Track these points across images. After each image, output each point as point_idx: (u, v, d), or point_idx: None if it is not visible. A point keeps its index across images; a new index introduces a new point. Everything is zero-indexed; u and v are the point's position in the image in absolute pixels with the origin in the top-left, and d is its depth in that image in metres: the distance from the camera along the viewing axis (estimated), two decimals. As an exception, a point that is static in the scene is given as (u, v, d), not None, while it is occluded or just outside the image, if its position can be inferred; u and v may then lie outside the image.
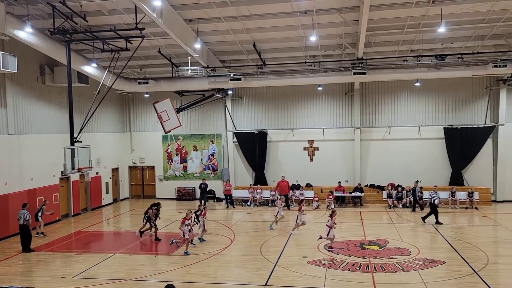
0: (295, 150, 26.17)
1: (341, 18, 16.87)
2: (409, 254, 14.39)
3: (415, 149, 24.84)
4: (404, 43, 20.17)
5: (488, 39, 19.41)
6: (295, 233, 17.47)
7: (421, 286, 11.44)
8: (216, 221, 20.73)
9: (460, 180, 24.16)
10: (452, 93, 24.45)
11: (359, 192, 24.15)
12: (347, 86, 25.41)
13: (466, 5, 15.87)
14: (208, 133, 27.42)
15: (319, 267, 13.20)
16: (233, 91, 26.35)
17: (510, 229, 17.70)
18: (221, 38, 20.10)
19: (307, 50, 21.12)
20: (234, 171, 26.87)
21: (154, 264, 14.00)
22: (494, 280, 11.86)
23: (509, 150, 23.83)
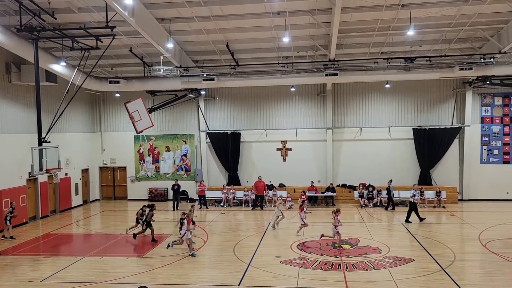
0: (268, 150, 26.29)
1: (313, 20, 17.06)
2: (379, 253, 14.66)
3: (386, 149, 25.36)
4: (375, 46, 20.58)
5: (455, 43, 20.03)
6: (299, 235, 17.19)
7: (391, 284, 11.68)
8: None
9: (428, 180, 24.80)
10: (420, 94, 25.08)
11: (331, 192, 24.47)
12: (319, 87, 25.71)
13: (434, 9, 16.31)
14: (181, 134, 27.21)
15: (292, 267, 13.29)
16: (206, 91, 26.25)
17: (476, 227, 18.28)
18: (194, 38, 19.99)
19: (280, 51, 21.26)
20: (207, 172, 26.75)
21: (125, 266, 13.78)
22: (460, 277, 12.22)
23: (475, 150, 24.64)
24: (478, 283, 11.89)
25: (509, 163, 24.49)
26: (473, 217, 20.75)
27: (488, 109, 24.63)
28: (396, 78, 22.01)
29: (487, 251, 14.81)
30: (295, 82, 23.03)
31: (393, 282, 11.78)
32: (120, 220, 21.84)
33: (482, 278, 12.43)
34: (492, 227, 18.45)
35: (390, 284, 11.67)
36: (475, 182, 24.64)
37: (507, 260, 13.63)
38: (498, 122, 24.57)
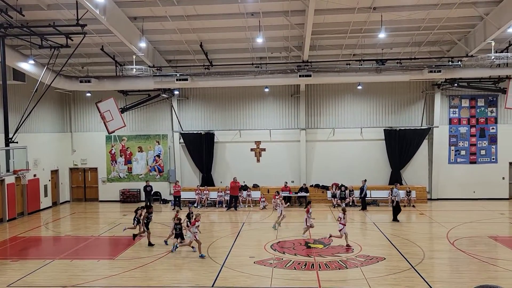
0: (242, 151, 26.30)
1: (287, 21, 17.17)
2: (352, 252, 14.88)
3: (358, 150, 25.74)
4: (347, 47, 20.87)
5: (424, 46, 20.52)
6: (305, 236, 17.08)
7: (363, 282, 11.87)
8: (163, 223, 20.37)
9: (399, 180, 25.31)
10: (391, 96, 25.60)
11: (304, 192, 24.67)
12: (293, 88, 25.90)
13: (404, 12, 16.67)
14: (154, 134, 26.89)
15: (265, 267, 13.33)
16: (180, 91, 26.05)
17: (444, 226, 18.78)
18: (167, 38, 19.80)
19: (254, 52, 21.30)
20: (181, 172, 26.54)
21: (96, 269, 13.51)
22: (429, 274, 12.53)
23: (443, 151, 25.32)
24: (446, 280, 12.22)
25: (476, 163, 25.27)
26: (442, 216, 21.31)
27: (456, 111, 25.35)
28: (367, 80, 22.37)
29: (455, 249, 15.24)
30: (269, 82, 23.11)
31: (365, 280, 11.97)
32: (91, 222, 21.41)
33: (450, 275, 12.79)
34: (460, 225, 19.01)
35: (362, 282, 11.86)
36: (443, 181, 25.30)
37: (473, 257, 14.06)
38: (465, 124, 25.31)
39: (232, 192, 23.94)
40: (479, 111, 25.22)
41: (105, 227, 19.84)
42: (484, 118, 25.21)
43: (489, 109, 25.17)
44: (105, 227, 19.75)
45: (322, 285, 11.64)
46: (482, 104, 25.17)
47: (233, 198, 23.94)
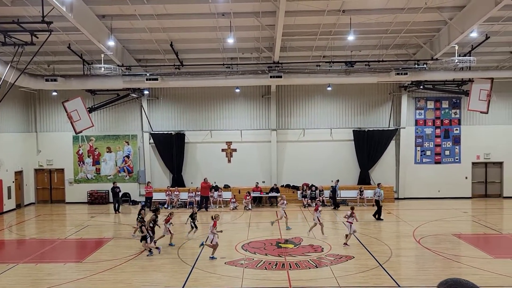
0: (213, 151, 26.21)
1: (258, 22, 17.22)
2: (321, 251, 15.07)
3: (328, 150, 26.09)
4: (317, 49, 21.12)
5: (392, 49, 21.00)
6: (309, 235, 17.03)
7: (332, 281, 12.04)
8: (132, 224, 20.04)
9: (367, 180, 25.83)
10: (360, 97, 26.08)
11: (275, 192, 24.80)
12: (264, 88, 26.01)
13: (372, 16, 17.02)
14: (123, 134, 26.45)
15: (236, 267, 13.34)
16: (150, 91, 25.72)
17: (410, 224, 19.27)
18: (136, 36, 19.51)
19: (225, 52, 21.26)
20: (151, 173, 26.21)
21: (63, 273, 13.18)
22: (396, 272, 12.84)
23: (409, 151, 25.98)
24: (412, 277, 12.56)
25: (440, 163, 26.06)
26: (408, 214, 21.87)
27: (422, 112, 26.07)
28: (337, 81, 22.70)
29: (421, 246, 15.67)
30: (240, 83, 23.14)
31: (334, 279, 12.15)
32: (57, 225, 20.87)
33: (416, 272, 13.15)
34: (425, 224, 19.56)
35: (332, 281, 12.03)
36: (410, 181, 25.96)
37: (438, 254, 14.50)
38: (431, 125, 26.07)
39: (203, 193, 23.85)
40: (444, 112, 26.02)
41: (72, 229, 19.38)
42: (448, 120, 26.03)
43: (453, 111, 26.00)
44: (72, 230, 19.29)
45: (292, 285, 11.74)
46: (447, 106, 25.98)
47: (203, 198, 23.83)
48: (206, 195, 23.87)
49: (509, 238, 17.00)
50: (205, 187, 23.82)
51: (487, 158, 26.02)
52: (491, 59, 22.99)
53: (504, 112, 25.76)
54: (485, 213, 22.44)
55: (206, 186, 23.83)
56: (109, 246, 16.01)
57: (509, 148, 25.64)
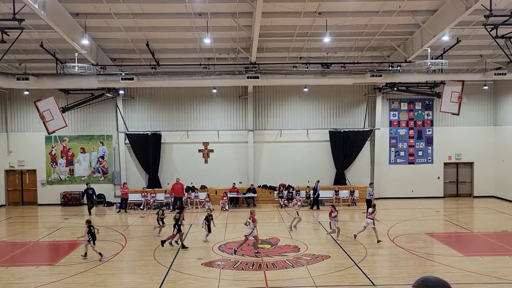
0: (190, 152, 26.05)
1: (235, 23, 17.23)
2: (298, 251, 15.18)
3: (304, 151, 26.28)
4: (294, 50, 21.26)
5: (367, 51, 21.34)
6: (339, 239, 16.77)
7: (309, 280, 12.15)
8: (107, 226, 19.75)
9: (343, 180, 26.14)
10: (336, 99, 26.38)
11: (252, 192, 24.83)
12: (241, 89, 26.01)
13: (348, 18, 17.25)
14: (97, 134, 26.01)
15: (213, 268, 13.31)
16: (125, 90, 25.38)
17: (385, 223, 19.58)
18: (112, 35, 19.23)
19: (202, 52, 21.17)
20: (126, 174, 25.85)
21: (35, 276, 12.87)
22: (371, 271, 13.06)
23: (384, 152, 26.44)
24: (387, 276, 12.79)
25: (414, 163, 26.61)
26: (382, 214, 22.16)
27: (396, 114, 26.57)
28: (313, 82, 22.92)
29: (395, 245, 15.97)
30: (217, 84, 23.07)
31: (310, 279, 12.26)
32: (29, 227, 20.37)
33: (390, 270, 13.40)
34: (399, 223, 19.94)
35: (308, 281, 12.14)
36: (384, 181, 26.40)
37: (412, 253, 14.81)
38: (404, 126, 26.59)
39: (175, 194, 23.57)
40: (417, 114, 26.58)
41: (45, 231, 18.95)
42: (421, 121, 26.60)
43: (426, 112, 26.59)
44: (44, 232, 18.86)
45: (269, 285, 11.79)
46: (420, 108, 26.55)
47: (177, 199, 23.56)
48: (179, 196, 23.58)
49: (479, 236, 17.50)
50: (177, 188, 23.55)
51: (458, 158, 26.71)
52: (462, 62, 23.62)
53: (474, 113, 26.49)
54: (456, 212, 23.03)
55: (177, 187, 23.56)
56: (83, 248, 15.69)
57: (480, 149, 26.39)
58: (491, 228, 18.40)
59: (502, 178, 25.79)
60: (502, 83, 24.91)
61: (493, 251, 15.20)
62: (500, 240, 16.45)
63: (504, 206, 23.66)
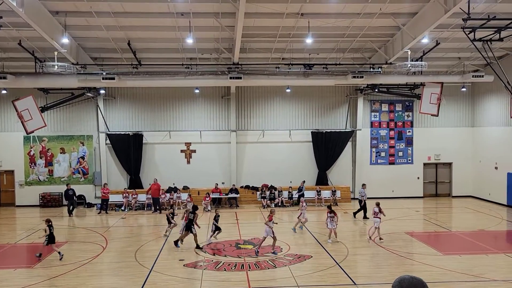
0: (172, 152, 25.89)
1: (218, 23, 17.19)
2: (280, 251, 15.22)
3: (287, 151, 26.38)
4: (277, 51, 21.34)
5: (348, 52, 21.55)
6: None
7: (291, 280, 12.20)
8: (87, 228, 19.49)
9: (325, 180, 26.32)
10: (318, 100, 26.56)
11: (234, 193, 24.80)
12: (223, 89, 25.96)
13: (330, 19, 17.40)
14: (77, 135, 25.62)
15: (195, 269, 13.25)
16: (106, 90, 25.08)
17: (366, 223, 19.83)
18: (92, 34, 18.98)
19: (185, 52, 21.07)
20: (107, 175, 25.54)
21: (13, 279, 12.60)
22: (353, 270, 13.19)
23: (365, 152, 26.73)
24: (368, 275, 12.93)
25: (394, 164, 26.97)
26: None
27: (377, 115, 26.90)
28: (296, 83, 23.04)
29: (375, 245, 16.15)
30: (199, 84, 23.00)
31: (293, 279, 12.31)
32: (7, 229, 19.94)
33: (371, 270, 13.55)
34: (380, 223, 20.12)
35: (290, 281, 12.19)
36: (365, 181, 26.53)
37: (392, 252, 15.01)
38: (385, 127, 26.94)
39: (152, 194, 23.36)
40: (397, 115, 26.96)
41: (23, 233, 18.58)
42: (401, 122, 26.98)
43: (406, 114, 26.99)
44: (22, 234, 18.49)
45: (251, 285, 11.79)
46: (400, 109, 26.93)
47: (154, 200, 23.34)
48: (156, 197, 23.40)
49: (457, 235, 17.84)
50: (153, 188, 23.36)
51: (437, 159, 27.18)
52: (441, 64, 24.08)
53: (453, 115, 26.99)
54: (435, 212, 23.44)
55: (154, 188, 23.37)
56: (63, 250, 15.43)
57: (458, 149, 26.90)
58: (469, 227, 18.78)
59: (479, 178, 26.35)
60: (479, 85, 25.46)
61: (470, 250, 15.53)
62: (477, 239, 16.81)
63: (481, 206, 24.18)
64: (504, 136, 23.76)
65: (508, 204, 23.50)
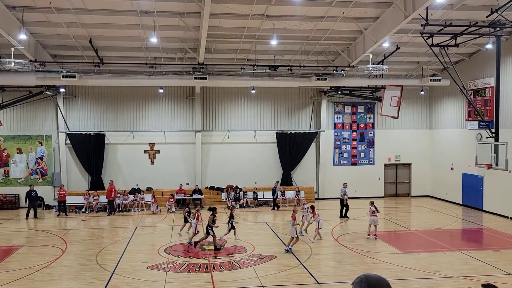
0: (136, 153, 25.43)
1: (183, 22, 17.06)
2: (245, 252, 15.25)
3: (252, 152, 26.44)
4: (242, 52, 21.39)
5: (312, 55, 21.89)
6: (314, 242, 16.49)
7: (255, 281, 12.25)
8: (45, 230, 18.84)
9: (289, 181, 26.57)
10: (283, 101, 26.78)
11: (198, 194, 24.63)
12: (188, 89, 25.73)
13: (295, 22, 17.62)
14: (36, 134, 24.72)
15: (159, 271, 13.07)
16: (67, 89, 24.34)
17: (329, 223, 20.14)
18: (52, 31, 18.41)
19: (149, 51, 20.78)
20: (67, 176, 24.78)
21: (-36, 286, 12.04)
22: (316, 269, 13.39)
23: (328, 154, 27.18)
24: (330, 274, 13.18)
25: (356, 165, 27.57)
26: (327, 214, 22.81)
27: (340, 116, 27.41)
28: (261, 85, 23.16)
29: (338, 244, 16.47)
30: (164, 83, 22.73)
31: (257, 279, 12.37)
32: (-42, 233, 18.97)
33: (334, 269, 13.82)
34: (342, 222, 20.59)
35: (255, 281, 12.24)
36: (329, 182, 27.12)
37: (354, 251, 15.34)
38: (348, 128, 27.49)
39: (107, 196, 22.82)
40: (359, 117, 27.57)
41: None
42: (363, 124, 27.62)
43: (368, 116, 27.65)
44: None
45: (216, 286, 11.76)
46: (362, 111, 27.56)
47: (110, 202, 22.79)
48: (110, 199, 22.74)
49: (416, 234, 18.44)
50: (108, 190, 22.81)
51: (397, 160, 27.99)
52: (401, 68, 24.84)
53: (412, 117, 27.87)
54: (395, 211, 24.13)
55: (108, 189, 22.83)
56: (19, 254, 14.90)
57: (417, 151, 27.79)
58: (427, 226, 19.44)
59: (436, 178, 27.33)
60: (437, 89, 26.42)
61: (428, 248, 16.10)
62: (435, 237, 17.44)
63: (438, 205, 25.09)
64: (459, 138, 24.76)
65: (463, 203, 24.51)
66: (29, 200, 22.04)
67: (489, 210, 22.28)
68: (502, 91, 19.83)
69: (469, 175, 23.78)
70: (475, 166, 20.40)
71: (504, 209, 21.15)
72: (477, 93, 22.73)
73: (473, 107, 21.36)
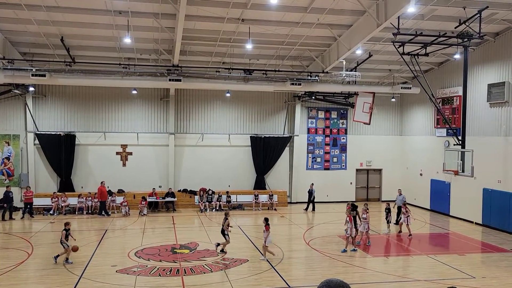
0: (107, 154, 24.99)
1: (158, 24, 16.94)
2: (217, 255, 15.19)
3: (225, 155, 26.39)
4: (217, 55, 21.39)
5: (287, 60, 22.08)
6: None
7: (227, 285, 12.22)
8: (11, 233, 18.28)
9: (263, 185, 26.64)
10: (258, 105, 26.87)
11: (171, 197, 24.38)
12: (162, 91, 25.50)
13: (270, 27, 17.74)
14: (2, 134, 23.98)
15: (129, 275, 12.87)
16: (36, 88, 23.72)
17: (301, 227, 20.33)
18: (22, 28, 17.95)
19: (122, 52, 20.52)
20: (35, 177, 24.11)
21: None
22: (288, 273, 13.46)
23: (302, 158, 27.40)
24: (302, 278, 13.27)
25: (329, 169, 27.89)
26: (299, 218, 23.04)
27: (313, 121, 27.70)
28: (236, 88, 23.19)
29: (310, 248, 16.60)
30: (137, 85, 22.46)
31: (228, 283, 12.34)
32: None
33: (305, 272, 13.92)
34: (314, 226, 20.79)
35: (226, 285, 12.20)
36: (302, 186, 27.30)
37: (325, 255, 15.50)
38: (321, 133, 27.80)
39: (99, 197, 22.55)
40: (333, 122, 27.93)
41: None
42: (336, 129, 27.99)
43: (341, 121, 28.04)
44: None
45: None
46: (335, 116, 27.94)
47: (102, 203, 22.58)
48: (103, 200, 22.61)
49: (385, 238, 18.78)
50: (99, 190, 22.57)
51: (369, 165, 28.47)
52: (374, 75, 25.34)
53: (383, 123, 28.42)
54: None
55: (100, 190, 22.59)
56: (-18, 258, 14.40)
57: (387, 156, 28.32)
58: (395, 231, 19.80)
59: (406, 184, 27.86)
60: (407, 96, 27.05)
61: (396, 252, 16.41)
62: (403, 242, 17.81)
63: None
64: (428, 144, 25.40)
65: (431, 208, 25.14)
66: (6, 201, 21.39)
67: (455, 215, 22.93)
68: (469, 100, 20.48)
69: (437, 181, 24.41)
70: (443, 172, 20.93)
71: (469, 214, 21.80)
72: (445, 101, 23.40)
73: (441, 115, 21.96)
